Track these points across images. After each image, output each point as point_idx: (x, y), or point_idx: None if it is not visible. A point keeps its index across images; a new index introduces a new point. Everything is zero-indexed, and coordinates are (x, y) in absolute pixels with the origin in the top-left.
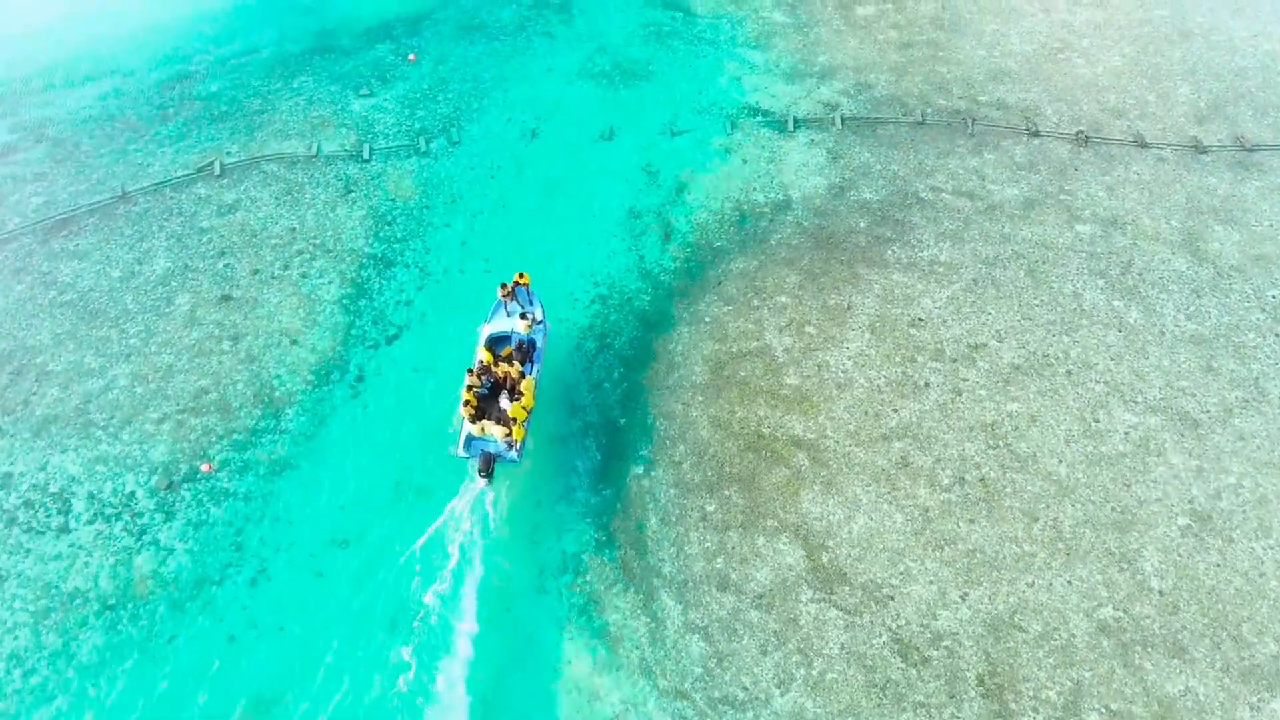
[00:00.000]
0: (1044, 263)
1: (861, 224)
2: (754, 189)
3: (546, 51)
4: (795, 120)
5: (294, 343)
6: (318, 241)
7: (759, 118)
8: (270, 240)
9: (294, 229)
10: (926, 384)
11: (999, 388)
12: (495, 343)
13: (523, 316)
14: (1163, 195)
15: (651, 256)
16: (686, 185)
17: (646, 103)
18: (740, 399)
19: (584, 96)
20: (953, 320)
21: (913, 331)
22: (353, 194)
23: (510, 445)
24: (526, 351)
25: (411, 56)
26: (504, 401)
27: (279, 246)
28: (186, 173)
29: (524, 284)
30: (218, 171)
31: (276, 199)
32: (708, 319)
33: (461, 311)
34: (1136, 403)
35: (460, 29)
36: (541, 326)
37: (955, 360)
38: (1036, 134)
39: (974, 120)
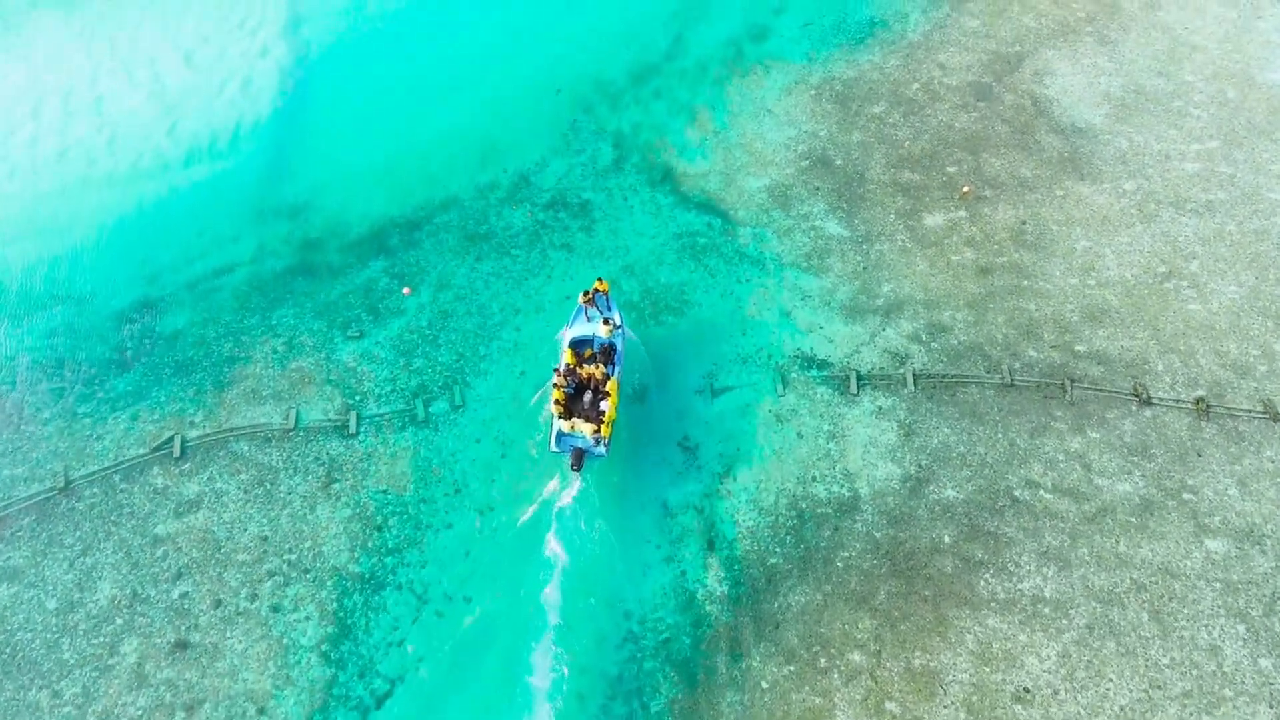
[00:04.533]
0: (1170, 599)
1: (946, 538)
2: (813, 478)
3: (564, 271)
4: (858, 377)
5: (261, 712)
6: (293, 557)
7: (815, 371)
8: (237, 555)
9: (265, 538)
10: None
11: None
12: (577, 345)
13: (605, 322)
14: None
15: (693, 574)
16: (732, 469)
17: (682, 346)
18: None
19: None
20: (1065, 691)
21: (1019, 710)
22: (336, 485)
23: (598, 441)
24: (608, 354)
25: (407, 290)
26: (588, 399)
27: (247, 565)
28: (141, 453)
29: (603, 291)
30: (178, 453)
31: (245, 492)
32: (764, 684)
33: (468, 655)
34: None
35: (465, 239)
36: (620, 331)
37: None
38: (1148, 402)
39: (1072, 381)
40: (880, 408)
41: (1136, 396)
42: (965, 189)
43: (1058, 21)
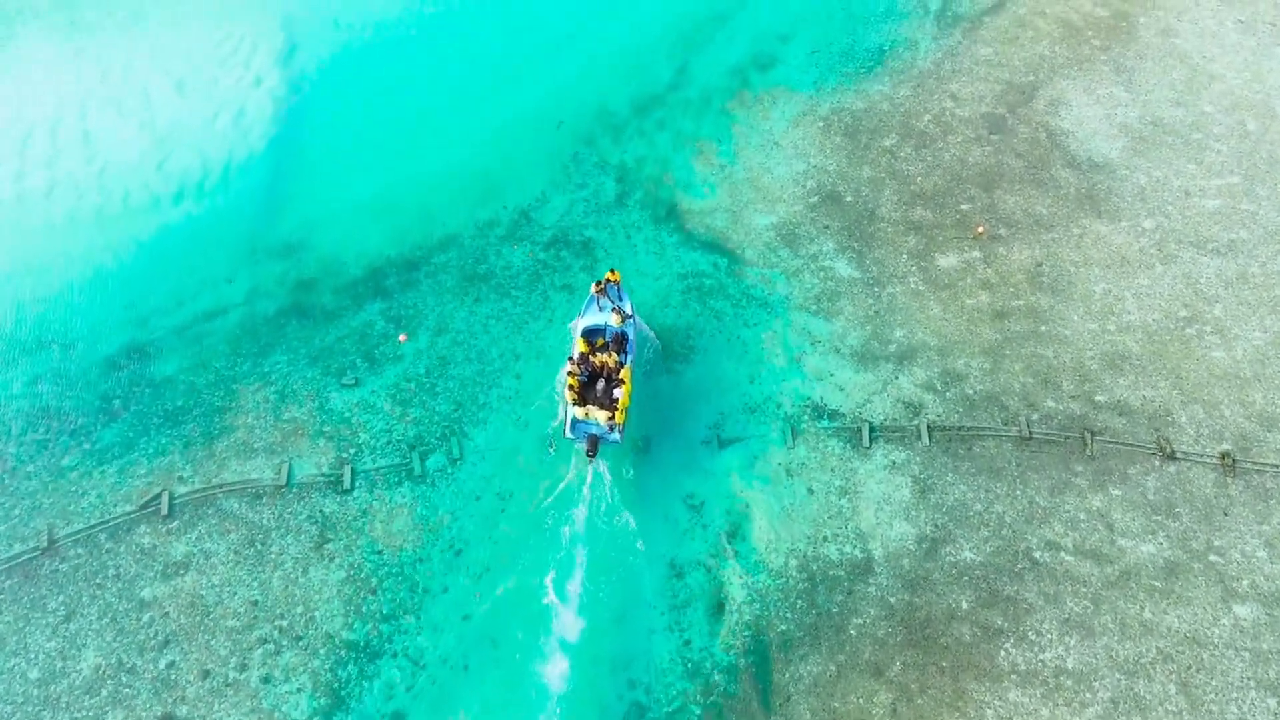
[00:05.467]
0: (1198, 669)
1: (964, 604)
2: (825, 538)
3: (566, 314)
4: (871, 429)
5: None
6: (284, 623)
7: (825, 421)
8: (226, 621)
9: (256, 602)
10: None
11: None
12: (590, 334)
13: (615, 311)
14: None
15: (700, 640)
16: (739, 527)
17: (686, 394)
18: None
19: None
20: None
21: None
22: (329, 544)
23: (613, 428)
24: (620, 343)
25: (403, 337)
26: (601, 386)
27: (236, 632)
28: (128, 510)
29: (615, 281)
30: (165, 510)
31: (235, 553)
32: None
33: None
34: None
35: (464, 279)
36: (632, 320)
37: None
38: (1171, 456)
39: (1092, 434)
40: (894, 462)
41: (1160, 451)
42: (979, 229)
43: (1072, 49)
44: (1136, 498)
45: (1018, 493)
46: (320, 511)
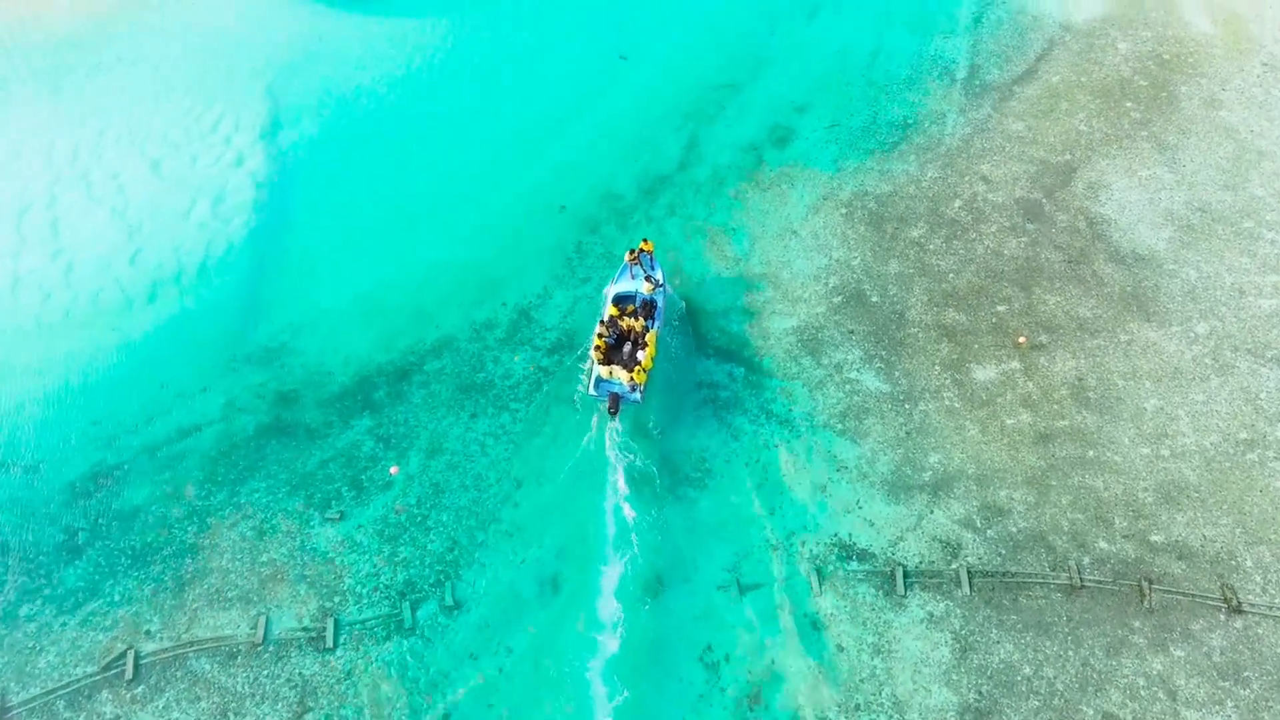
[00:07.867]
0: None
1: None
2: (857, 706)
3: (571, 429)
4: (905, 573)
5: None
6: None
7: (854, 564)
8: None
9: None
10: None
11: None
12: (621, 300)
13: (647, 279)
14: None
15: None
16: (761, 690)
17: (702, 527)
18: None
19: (618, 519)
20: None
21: None
22: (309, 715)
23: (634, 388)
24: (649, 309)
25: (394, 469)
26: (628, 350)
27: None
28: (90, 671)
29: (648, 250)
30: (130, 673)
31: None
32: None
33: None
34: None
35: (459, 390)
36: (662, 289)
37: None
38: (1237, 609)
39: (1150, 582)
40: (931, 615)
41: (1225, 603)
42: (1020, 339)
43: (1110, 123)
44: (1201, 660)
45: (1069, 653)
46: (300, 674)
